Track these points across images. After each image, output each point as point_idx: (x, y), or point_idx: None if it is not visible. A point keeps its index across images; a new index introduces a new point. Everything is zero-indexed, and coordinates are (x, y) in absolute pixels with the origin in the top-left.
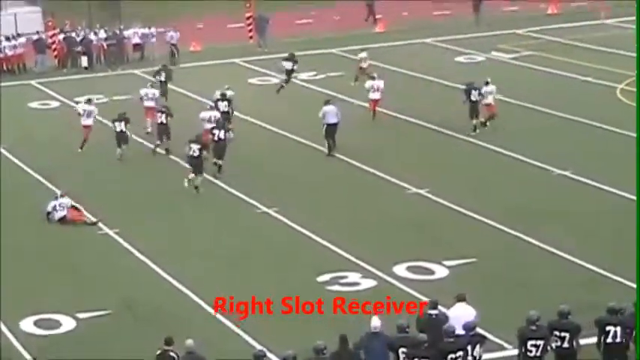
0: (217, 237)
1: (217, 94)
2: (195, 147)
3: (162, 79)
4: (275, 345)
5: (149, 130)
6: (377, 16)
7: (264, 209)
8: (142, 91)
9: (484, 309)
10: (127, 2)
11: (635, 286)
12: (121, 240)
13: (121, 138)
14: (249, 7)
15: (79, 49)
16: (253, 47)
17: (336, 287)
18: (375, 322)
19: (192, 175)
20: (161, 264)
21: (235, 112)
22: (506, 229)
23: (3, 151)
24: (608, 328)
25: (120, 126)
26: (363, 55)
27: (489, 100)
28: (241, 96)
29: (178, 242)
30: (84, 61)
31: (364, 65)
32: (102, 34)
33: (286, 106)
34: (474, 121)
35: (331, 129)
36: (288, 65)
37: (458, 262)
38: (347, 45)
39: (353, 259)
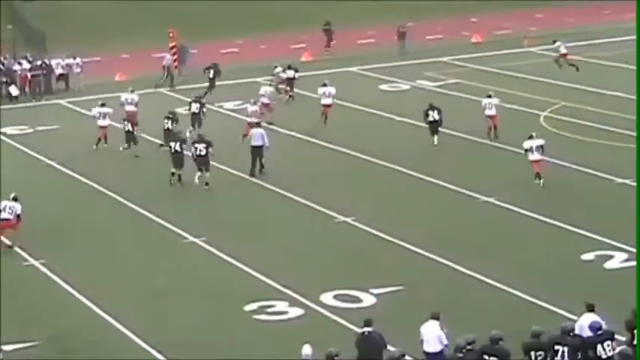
0: (146, 267)
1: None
2: (200, 146)
3: (211, 75)
4: None
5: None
6: (331, 42)
7: (192, 239)
8: (123, 97)
9: (412, 337)
10: (52, 32)
11: (563, 312)
12: (46, 271)
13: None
14: (173, 36)
15: (4, 79)
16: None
17: (263, 316)
18: (307, 350)
19: (199, 174)
20: (89, 295)
21: (160, 141)
22: (433, 256)
23: None
24: (557, 347)
25: (127, 126)
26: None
27: (492, 111)
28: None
29: (106, 273)
30: (13, 90)
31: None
32: (26, 65)
33: (212, 135)
34: (435, 138)
35: (255, 151)
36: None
37: (386, 289)
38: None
39: (281, 287)
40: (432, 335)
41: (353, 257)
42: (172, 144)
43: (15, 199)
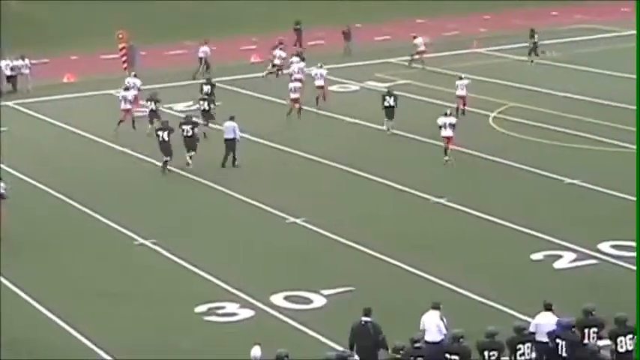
0: (95, 269)
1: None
2: (187, 127)
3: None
4: None
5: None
6: (298, 43)
7: (142, 241)
8: (121, 94)
9: None
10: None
11: (513, 312)
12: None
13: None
14: (122, 38)
15: None
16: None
17: (213, 318)
18: (256, 351)
19: (189, 154)
20: (37, 298)
21: (112, 144)
22: (383, 257)
23: None
24: (519, 346)
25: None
26: None
27: (463, 92)
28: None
29: (55, 276)
30: None
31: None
32: None
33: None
34: (390, 124)
35: (227, 144)
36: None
37: (336, 290)
38: (220, 76)
39: (231, 289)
40: (433, 325)
41: (303, 258)
42: (160, 133)
43: None
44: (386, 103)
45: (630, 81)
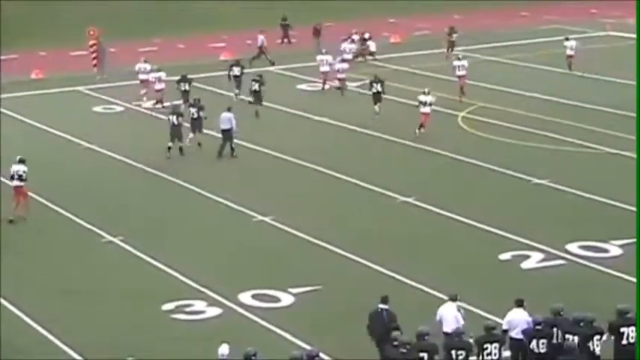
0: (63, 267)
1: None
2: (193, 110)
3: (238, 73)
4: None
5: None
6: (285, 39)
7: (110, 238)
8: (137, 66)
9: (329, 336)
10: None
11: (481, 312)
12: None
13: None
14: (93, 35)
15: None
16: (95, 75)
17: (181, 316)
18: (224, 349)
19: (191, 135)
20: (4, 296)
21: (80, 142)
22: (351, 255)
23: None
24: (486, 345)
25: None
26: None
27: (463, 72)
28: (85, 124)
29: (22, 273)
30: None
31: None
32: None
33: (131, 133)
34: (377, 109)
35: (223, 134)
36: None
37: (304, 289)
38: (193, 73)
39: (198, 287)
40: (450, 316)
41: (271, 257)
42: (171, 117)
43: (20, 162)
44: (373, 89)
45: (596, 82)
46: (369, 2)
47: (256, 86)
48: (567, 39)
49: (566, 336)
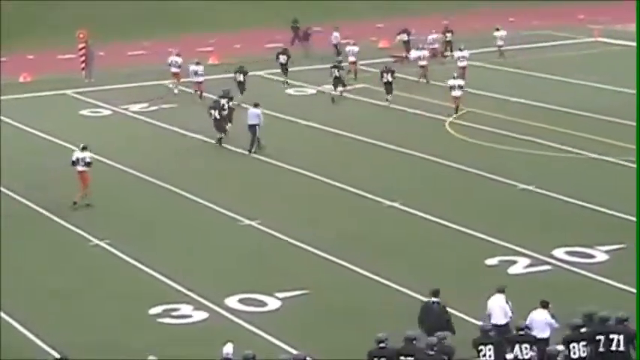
0: (50, 269)
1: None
2: (223, 101)
3: (242, 79)
4: None
5: (175, 91)
6: (297, 40)
7: (97, 241)
8: (170, 59)
9: (316, 340)
10: None
11: (467, 317)
12: None
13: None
14: (82, 38)
15: None
16: (83, 79)
17: (167, 320)
18: (228, 348)
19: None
20: None
21: (68, 145)
22: (338, 260)
23: None
24: (480, 347)
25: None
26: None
27: (464, 63)
28: (72, 127)
29: (8, 275)
30: None
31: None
32: None
33: (118, 138)
34: (388, 96)
35: (250, 129)
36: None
37: (291, 293)
38: (186, 76)
39: (185, 291)
40: (498, 308)
41: (258, 261)
42: (212, 112)
43: (83, 149)
44: (384, 79)
45: (584, 88)
46: (355, 6)
47: (336, 72)
48: (498, 29)
49: (611, 336)
